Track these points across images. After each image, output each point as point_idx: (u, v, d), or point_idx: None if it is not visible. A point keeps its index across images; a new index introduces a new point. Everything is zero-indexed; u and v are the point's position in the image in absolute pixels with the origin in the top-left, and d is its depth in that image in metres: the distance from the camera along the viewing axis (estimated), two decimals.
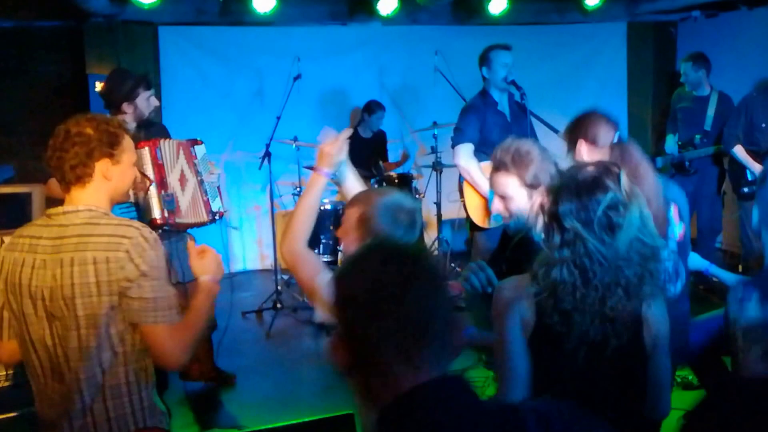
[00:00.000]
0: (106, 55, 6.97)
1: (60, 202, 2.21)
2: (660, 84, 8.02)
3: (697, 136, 6.02)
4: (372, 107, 7.13)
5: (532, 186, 2.55)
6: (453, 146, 4.77)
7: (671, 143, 6.19)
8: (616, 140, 2.78)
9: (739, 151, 5.60)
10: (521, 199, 2.58)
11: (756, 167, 5.45)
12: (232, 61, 7.42)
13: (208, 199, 4.11)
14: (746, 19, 7.24)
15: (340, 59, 7.54)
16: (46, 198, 4.04)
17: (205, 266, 2.34)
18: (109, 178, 2.16)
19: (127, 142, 2.24)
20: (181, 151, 4.06)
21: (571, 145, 2.88)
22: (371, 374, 1.26)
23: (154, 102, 4.16)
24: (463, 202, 4.77)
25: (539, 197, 2.34)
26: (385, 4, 6.77)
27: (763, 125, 5.56)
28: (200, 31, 7.30)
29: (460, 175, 4.77)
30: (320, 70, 7.21)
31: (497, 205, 2.65)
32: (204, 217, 4.10)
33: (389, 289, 1.24)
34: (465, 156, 4.68)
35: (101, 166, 2.14)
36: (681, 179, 5.89)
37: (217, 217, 4.18)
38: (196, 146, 4.18)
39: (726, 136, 5.70)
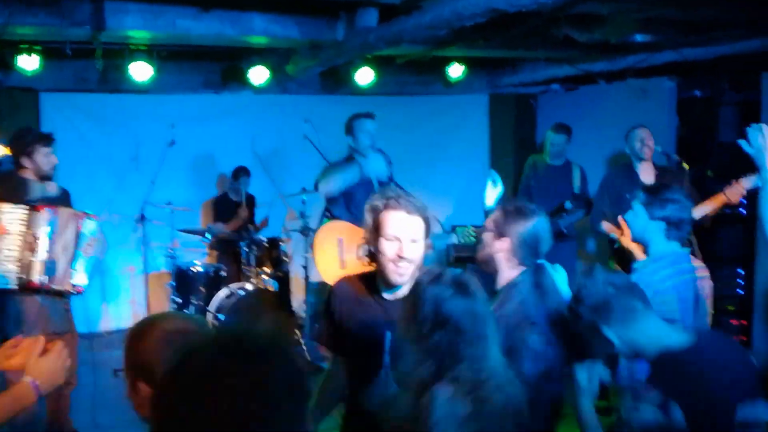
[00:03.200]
0: None
1: None
2: (521, 154, 8.21)
3: (567, 201, 6.15)
4: (237, 173, 7.40)
5: None
6: (315, 188, 5.17)
7: None
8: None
9: (607, 227, 5.58)
10: None
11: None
12: (111, 126, 7.68)
13: (72, 271, 4.33)
14: (604, 92, 7.55)
15: (214, 126, 7.82)
16: None
17: (40, 368, 2.10)
18: None
19: None
20: (71, 222, 4.30)
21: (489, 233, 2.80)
22: None
23: (53, 159, 4.41)
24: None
25: None
26: (256, 75, 7.09)
27: (627, 195, 5.73)
28: (81, 97, 7.56)
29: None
30: (194, 137, 7.49)
31: None
32: (69, 287, 4.33)
33: None
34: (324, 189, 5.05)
35: None
36: (560, 245, 5.92)
37: (74, 292, 4.39)
38: (87, 219, 4.40)
39: (593, 215, 5.82)
